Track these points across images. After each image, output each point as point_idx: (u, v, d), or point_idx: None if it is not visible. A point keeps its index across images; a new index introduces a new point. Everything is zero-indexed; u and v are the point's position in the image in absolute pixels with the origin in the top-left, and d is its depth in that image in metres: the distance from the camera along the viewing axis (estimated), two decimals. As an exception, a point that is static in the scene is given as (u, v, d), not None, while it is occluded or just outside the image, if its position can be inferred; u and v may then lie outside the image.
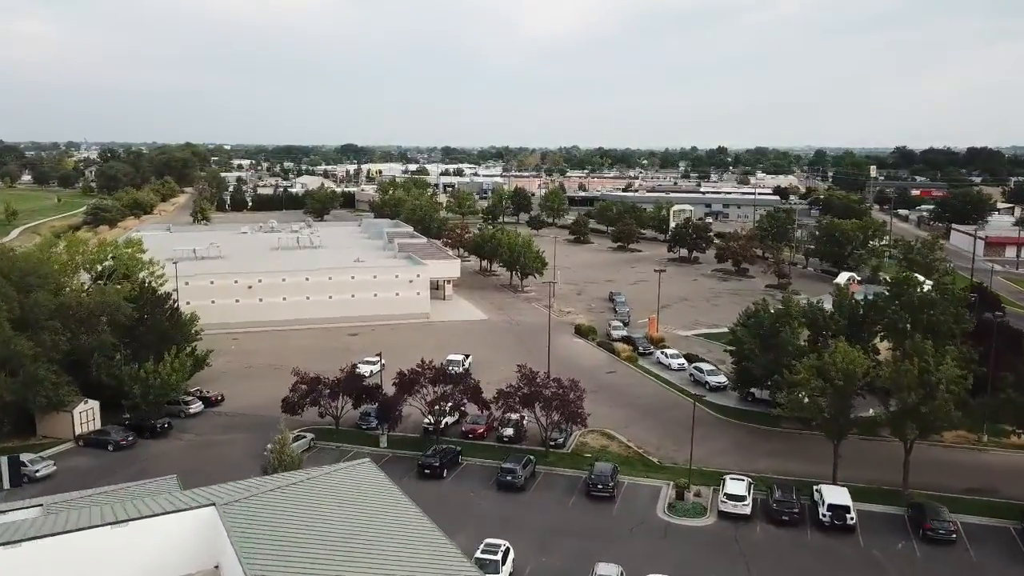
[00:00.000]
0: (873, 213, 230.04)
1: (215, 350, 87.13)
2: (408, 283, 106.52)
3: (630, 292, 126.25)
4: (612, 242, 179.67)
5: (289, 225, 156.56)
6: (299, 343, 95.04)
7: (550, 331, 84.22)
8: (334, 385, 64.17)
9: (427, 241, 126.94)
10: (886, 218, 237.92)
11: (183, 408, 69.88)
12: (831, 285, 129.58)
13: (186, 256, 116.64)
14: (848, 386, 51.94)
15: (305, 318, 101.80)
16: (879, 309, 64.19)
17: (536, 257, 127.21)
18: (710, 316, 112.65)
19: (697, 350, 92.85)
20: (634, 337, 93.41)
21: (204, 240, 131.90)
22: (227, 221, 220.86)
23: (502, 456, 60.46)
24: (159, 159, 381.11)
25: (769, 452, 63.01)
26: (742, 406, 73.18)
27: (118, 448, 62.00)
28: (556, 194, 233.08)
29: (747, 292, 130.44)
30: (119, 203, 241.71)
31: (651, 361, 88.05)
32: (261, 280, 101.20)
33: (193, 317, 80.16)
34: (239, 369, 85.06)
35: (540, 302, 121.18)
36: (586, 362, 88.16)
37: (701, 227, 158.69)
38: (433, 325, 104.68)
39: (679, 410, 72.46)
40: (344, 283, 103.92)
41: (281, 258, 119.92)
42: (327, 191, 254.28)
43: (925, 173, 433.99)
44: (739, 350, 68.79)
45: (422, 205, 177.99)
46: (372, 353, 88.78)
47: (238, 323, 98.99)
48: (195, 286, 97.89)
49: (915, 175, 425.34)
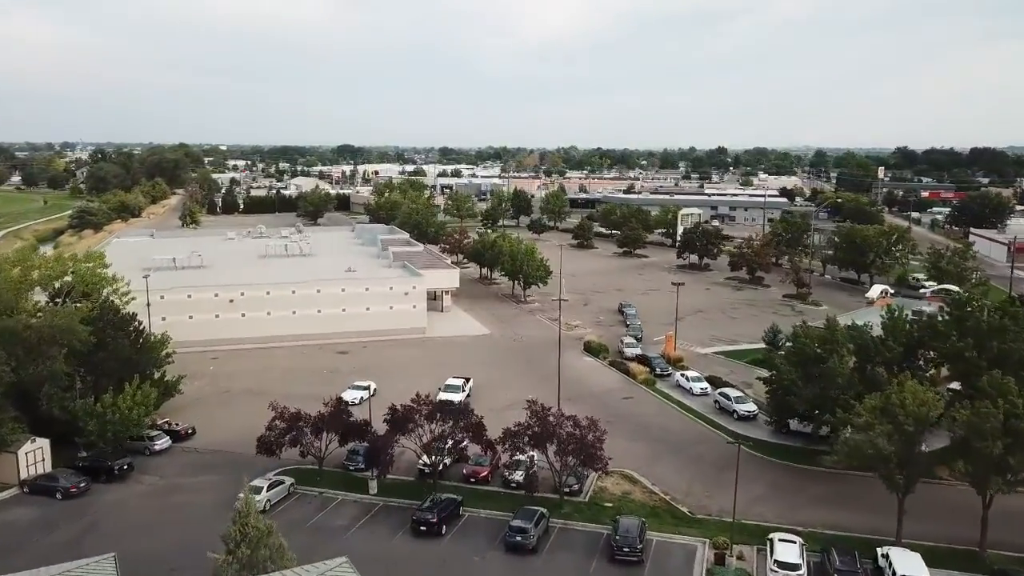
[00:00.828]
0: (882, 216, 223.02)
1: (189, 373, 79.31)
2: (403, 295, 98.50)
3: (640, 303, 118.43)
4: (617, 247, 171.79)
5: (279, 230, 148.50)
6: (284, 363, 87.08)
7: (560, 356, 76.04)
8: (317, 421, 56.13)
9: (424, 248, 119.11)
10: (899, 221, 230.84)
11: (147, 445, 61.87)
12: (855, 295, 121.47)
13: (165, 265, 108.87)
14: (919, 432, 44.06)
15: (291, 334, 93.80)
16: (939, 335, 56.22)
17: (540, 265, 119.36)
18: (728, 330, 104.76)
19: (718, 370, 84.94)
20: (650, 357, 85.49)
21: (187, 247, 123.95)
22: (217, 225, 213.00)
23: (509, 506, 52.59)
24: (150, 160, 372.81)
25: (815, 498, 55.07)
26: (776, 438, 65.25)
27: (67, 496, 53.90)
28: (557, 196, 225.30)
29: (764, 303, 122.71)
30: (106, 206, 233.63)
31: (670, 384, 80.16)
32: (244, 293, 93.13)
33: (163, 338, 72.19)
34: (215, 395, 77.00)
35: (544, 314, 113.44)
36: (598, 385, 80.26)
37: (712, 232, 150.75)
38: (430, 341, 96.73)
39: (707, 445, 64.64)
40: (334, 296, 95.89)
41: (268, 267, 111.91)
42: (321, 193, 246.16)
43: (929, 174, 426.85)
44: (777, 380, 60.78)
45: (419, 209, 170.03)
46: (363, 375, 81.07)
47: (218, 340, 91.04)
48: (171, 300, 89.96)
49: (919, 176, 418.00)
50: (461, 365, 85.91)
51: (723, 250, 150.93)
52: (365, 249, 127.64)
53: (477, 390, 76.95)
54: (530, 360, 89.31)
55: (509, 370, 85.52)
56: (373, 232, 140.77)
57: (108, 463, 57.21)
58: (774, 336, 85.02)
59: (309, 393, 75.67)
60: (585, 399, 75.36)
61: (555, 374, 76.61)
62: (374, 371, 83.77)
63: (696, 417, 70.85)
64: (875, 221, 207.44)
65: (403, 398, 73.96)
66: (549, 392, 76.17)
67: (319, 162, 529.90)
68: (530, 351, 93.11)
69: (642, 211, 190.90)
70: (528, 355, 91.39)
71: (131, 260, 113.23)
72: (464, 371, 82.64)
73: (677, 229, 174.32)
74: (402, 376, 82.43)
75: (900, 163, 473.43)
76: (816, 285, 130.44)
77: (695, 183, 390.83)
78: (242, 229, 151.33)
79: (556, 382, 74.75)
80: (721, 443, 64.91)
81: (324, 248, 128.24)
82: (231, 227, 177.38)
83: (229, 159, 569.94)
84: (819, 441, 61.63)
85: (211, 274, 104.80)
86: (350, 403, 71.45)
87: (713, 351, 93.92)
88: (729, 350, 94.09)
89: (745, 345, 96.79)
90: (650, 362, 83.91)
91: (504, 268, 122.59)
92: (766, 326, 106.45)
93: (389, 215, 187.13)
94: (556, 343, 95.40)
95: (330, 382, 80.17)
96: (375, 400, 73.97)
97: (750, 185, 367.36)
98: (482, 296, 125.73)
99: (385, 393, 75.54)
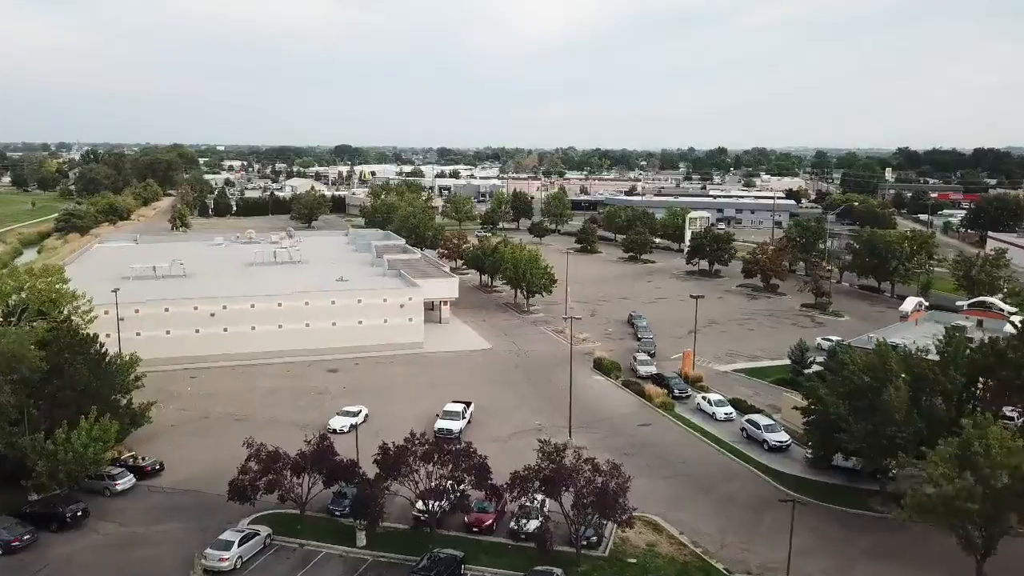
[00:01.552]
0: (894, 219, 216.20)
1: (165, 394, 72.96)
2: (399, 308, 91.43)
3: (650, 312, 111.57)
4: (623, 252, 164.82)
5: (269, 235, 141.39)
6: (269, 383, 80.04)
7: (571, 384, 68.94)
8: (298, 462, 49.07)
9: (420, 256, 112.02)
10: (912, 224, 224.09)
11: (107, 485, 54.79)
12: (876, 304, 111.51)
13: (144, 274, 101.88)
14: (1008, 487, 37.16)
15: (278, 350, 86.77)
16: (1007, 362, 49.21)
17: (544, 274, 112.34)
18: (747, 344, 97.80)
19: (741, 391, 78.04)
20: (667, 377, 78.44)
21: (172, 253, 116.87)
22: (208, 228, 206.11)
23: (520, 562, 45.57)
24: (143, 161, 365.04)
25: (870, 552, 47.97)
26: (815, 475, 58.18)
27: (8, 551, 46.66)
28: (559, 199, 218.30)
29: (781, 313, 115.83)
30: (93, 208, 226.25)
31: (690, 408, 73.18)
32: (226, 306, 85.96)
33: (132, 360, 65.15)
34: (192, 420, 69.86)
35: (549, 325, 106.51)
36: (611, 409, 73.22)
37: (723, 237, 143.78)
38: (428, 357, 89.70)
39: (738, 483, 57.67)
40: (324, 309, 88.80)
41: (255, 276, 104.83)
42: (316, 196, 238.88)
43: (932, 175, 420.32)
44: (819, 412, 53.74)
45: (416, 212, 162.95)
46: (353, 397, 74.10)
47: (198, 357, 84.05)
48: (147, 314, 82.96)
49: (922, 177, 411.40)
50: (461, 385, 79.03)
51: (735, 256, 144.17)
52: (359, 256, 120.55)
53: (479, 415, 70.03)
54: (536, 379, 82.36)
55: (513, 390, 78.51)
56: (367, 238, 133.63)
57: (59, 509, 50.09)
58: (801, 355, 78.07)
59: (294, 420, 69.13)
60: (598, 426, 68.50)
61: (564, 395, 70.00)
62: (366, 392, 76.85)
63: (722, 448, 63.79)
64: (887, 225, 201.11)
65: (397, 426, 67.33)
66: (558, 416, 69.62)
67: (316, 163, 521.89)
68: (536, 368, 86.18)
69: (647, 214, 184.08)
70: (534, 373, 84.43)
71: (111, 268, 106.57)
72: (464, 391, 75.81)
73: (685, 233, 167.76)
74: (397, 397, 75.62)
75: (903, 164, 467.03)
76: (834, 293, 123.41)
77: (696, 184, 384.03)
78: (232, 234, 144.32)
79: (565, 404, 68.11)
80: (753, 480, 58.15)
81: (315, 255, 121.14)
82: (222, 231, 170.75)
83: (225, 160, 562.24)
84: (867, 478, 54.77)
85: (193, 284, 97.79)
86: (338, 431, 65.12)
87: (733, 368, 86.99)
88: (750, 368, 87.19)
89: (766, 362, 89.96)
90: (667, 383, 76.89)
91: (506, 276, 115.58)
92: (786, 339, 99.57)
93: (385, 218, 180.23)
94: (564, 358, 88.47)
95: (317, 405, 73.32)
96: (367, 427, 67.23)
97: (753, 187, 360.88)
98: (482, 305, 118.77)
99: (377, 419, 68.89)
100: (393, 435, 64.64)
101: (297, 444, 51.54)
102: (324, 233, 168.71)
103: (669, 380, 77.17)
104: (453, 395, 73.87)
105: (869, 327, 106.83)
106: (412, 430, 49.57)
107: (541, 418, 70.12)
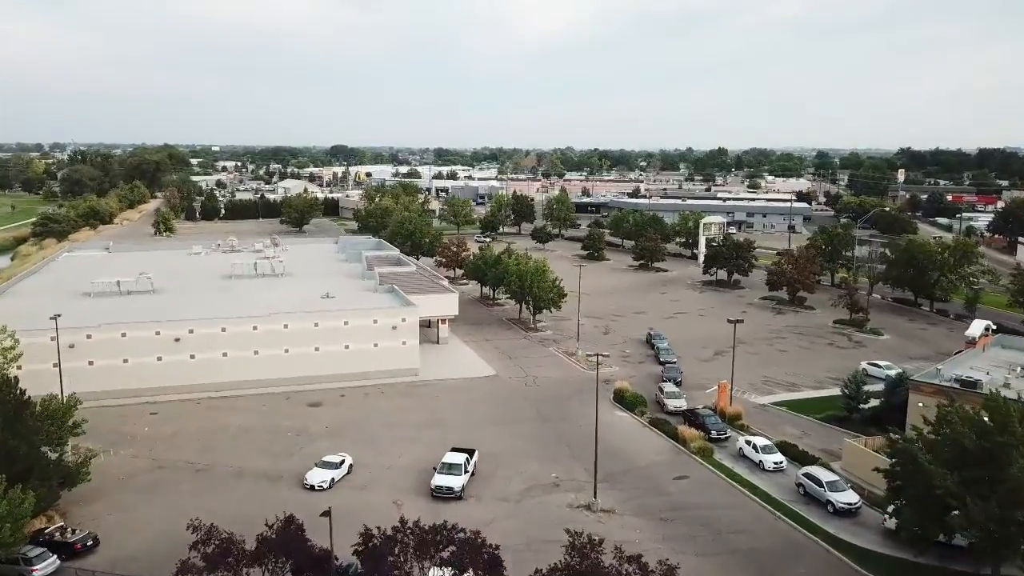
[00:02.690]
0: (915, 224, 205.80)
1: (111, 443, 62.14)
2: (391, 330, 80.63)
3: (669, 329, 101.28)
4: (633, 260, 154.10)
5: (252, 243, 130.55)
6: (240, 420, 69.23)
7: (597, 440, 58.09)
8: (258, 551, 38.26)
9: (416, 268, 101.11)
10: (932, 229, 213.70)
11: (22, 570, 44.00)
12: (915, 320, 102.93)
13: (108, 290, 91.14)
14: None
15: (253, 379, 76.00)
16: None
17: (552, 287, 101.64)
18: (781, 369, 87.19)
19: (788, 431, 67.46)
20: (701, 413, 67.65)
21: (145, 264, 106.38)
22: (193, 233, 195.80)
23: None
24: (131, 162, 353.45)
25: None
26: (898, 549, 47.26)
27: None
28: (563, 202, 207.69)
29: (813, 330, 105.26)
30: (73, 212, 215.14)
31: (731, 453, 62.48)
32: (193, 330, 75.08)
33: (70, 404, 54.48)
34: (143, 471, 58.99)
35: (558, 345, 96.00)
36: (640, 455, 62.49)
37: (744, 245, 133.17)
38: (424, 387, 78.95)
39: (805, 563, 46.79)
40: (306, 332, 78.01)
41: (232, 292, 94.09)
42: (307, 198, 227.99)
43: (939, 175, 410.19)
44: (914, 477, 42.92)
45: (412, 217, 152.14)
46: (337, 439, 63.54)
47: (160, 388, 73.40)
48: (101, 340, 72.27)
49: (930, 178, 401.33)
50: (462, 423, 68.45)
51: (756, 265, 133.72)
52: (348, 267, 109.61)
53: (484, 463, 59.31)
54: (548, 414, 71.62)
55: (523, 431, 67.71)
56: (358, 247, 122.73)
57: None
58: (858, 388, 67.30)
59: (265, 470, 58.64)
60: (625, 480, 57.83)
61: (583, 436, 60.50)
62: (352, 432, 66.27)
63: (778, 511, 53.04)
64: (909, 230, 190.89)
65: (386, 481, 57.08)
66: (577, 466, 59.35)
67: (311, 163, 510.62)
68: (547, 400, 75.49)
69: (657, 219, 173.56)
70: (545, 406, 73.68)
71: (74, 281, 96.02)
72: (466, 433, 65.31)
73: (699, 240, 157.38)
74: (388, 440, 64.96)
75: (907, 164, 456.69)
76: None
77: (698, 186, 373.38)
78: (213, 241, 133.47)
79: (584, 449, 58.42)
80: (824, 558, 47.33)
81: (301, 265, 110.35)
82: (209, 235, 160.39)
83: (220, 160, 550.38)
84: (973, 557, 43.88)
85: (161, 301, 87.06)
86: (316, 487, 54.57)
87: (772, 401, 76.25)
88: (792, 400, 76.51)
89: (808, 391, 79.46)
90: (702, 421, 66.12)
91: (511, 291, 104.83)
92: (824, 362, 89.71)
93: (379, 223, 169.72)
94: (578, 387, 78.81)
95: (295, 450, 62.61)
96: (350, 481, 56.74)
97: (758, 188, 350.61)
98: (484, 321, 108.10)
99: (364, 470, 58.41)
100: (382, 494, 54.37)
101: (267, 504, 40.92)
102: (313, 240, 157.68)
103: (704, 418, 66.39)
104: (453, 438, 63.29)
105: (914, 347, 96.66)
106: (403, 516, 38.64)
107: (557, 468, 59.48)
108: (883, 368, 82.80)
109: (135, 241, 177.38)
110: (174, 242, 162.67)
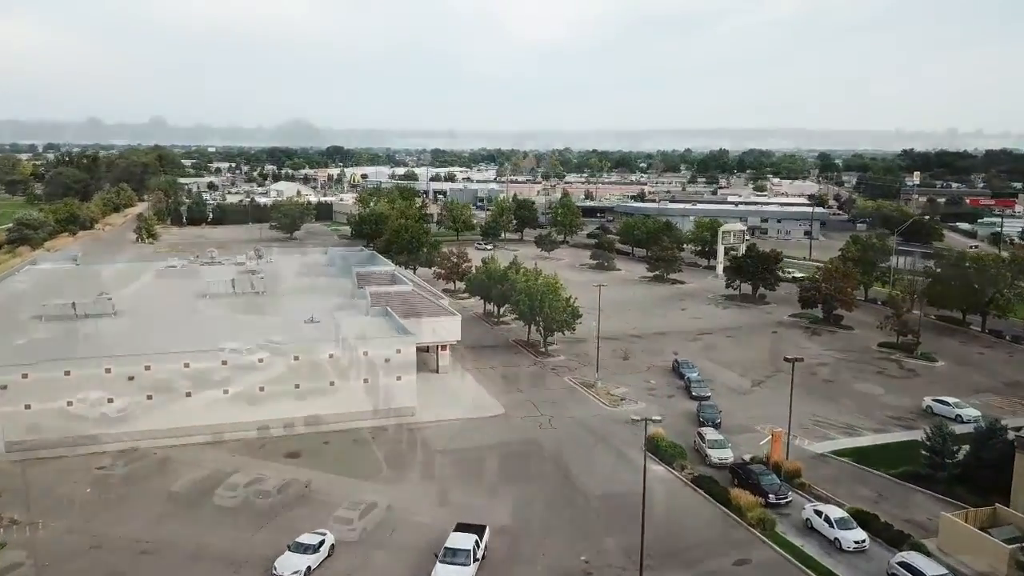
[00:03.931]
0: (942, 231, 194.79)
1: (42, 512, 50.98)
2: (384, 363, 69.38)
3: (696, 354, 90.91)
4: (647, 270, 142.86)
5: (234, 256, 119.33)
6: (203, 475, 57.80)
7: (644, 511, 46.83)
8: None
9: (412, 287, 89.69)
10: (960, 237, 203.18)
11: None
12: (969, 344, 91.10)
13: (61, 313, 79.69)
14: None
15: (221, 423, 64.66)
16: None
17: (566, 306, 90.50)
18: (833, 406, 76.04)
19: (859, 493, 56.43)
20: (753, 470, 56.50)
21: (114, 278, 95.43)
22: (177, 240, 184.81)
23: None
24: (119, 164, 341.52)
25: None
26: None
27: None
28: (568, 206, 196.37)
29: (857, 356, 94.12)
30: (52, 217, 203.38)
31: (793, 522, 51.39)
32: (150, 367, 63.80)
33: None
34: (76, 554, 47.49)
35: (573, 373, 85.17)
36: (686, 527, 51.23)
37: (771, 257, 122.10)
38: (421, 431, 67.64)
39: None
40: (284, 368, 66.76)
41: (204, 315, 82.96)
42: (299, 203, 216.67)
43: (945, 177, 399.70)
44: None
45: (408, 225, 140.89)
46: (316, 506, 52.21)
47: (110, 436, 62.13)
48: (39, 379, 60.87)
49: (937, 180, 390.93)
50: (468, 483, 57.23)
51: (784, 278, 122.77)
52: (337, 283, 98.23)
53: (496, 543, 48.10)
54: (570, 469, 60.32)
55: (542, 492, 56.37)
56: (349, 260, 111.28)
57: None
58: (943, 442, 56.03)
59: (226, 551, 47.78)
60: (673, 564, 46.58)
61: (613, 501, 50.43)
62: (335, 493, 54.91)
63: (871, 614, 41.99)
64: (936, 237, 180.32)
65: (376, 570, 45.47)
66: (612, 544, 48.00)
67: (307, 164, 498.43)
68: (567, 449, 64.23)
69: (671, 225, 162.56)
70: (566, 458, 62.37)
71: (29, 301, 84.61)
72: (472, 493, 54.40)
73: (718, 249, 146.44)
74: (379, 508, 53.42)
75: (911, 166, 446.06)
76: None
77: (703, 188, 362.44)
78: (190, 254, 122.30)
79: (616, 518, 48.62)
80: None
81: (286, 281, 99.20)
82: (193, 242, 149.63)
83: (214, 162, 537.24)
84: None
85: (122, 326, 76.04)
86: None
87: (831, 450, 64.98)
88: (854, 447, 65.24)
89: (870, 436, 68.30)
90: (756, 480, 54.95)
91: (519, 311, 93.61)
92: (880, 397, 78.88)
93: (373, 230, 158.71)
94: (600, 431, 68.10)
95: (264, 521, 51.32)
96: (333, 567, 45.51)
97: (764, 190, 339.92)
98: (489, 343, 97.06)
99: (347, 552, 47.15)
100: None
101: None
102: (301, 250, 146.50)
103: (759, 477, 55.19)
104: (457, 503, 52.24)
105: (977, 376, 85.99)
106: None
107: (587, 548, 48.29)
108: (952, 407, 72.03)
109: (115, 249, 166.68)
110: (147, 254, 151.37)
